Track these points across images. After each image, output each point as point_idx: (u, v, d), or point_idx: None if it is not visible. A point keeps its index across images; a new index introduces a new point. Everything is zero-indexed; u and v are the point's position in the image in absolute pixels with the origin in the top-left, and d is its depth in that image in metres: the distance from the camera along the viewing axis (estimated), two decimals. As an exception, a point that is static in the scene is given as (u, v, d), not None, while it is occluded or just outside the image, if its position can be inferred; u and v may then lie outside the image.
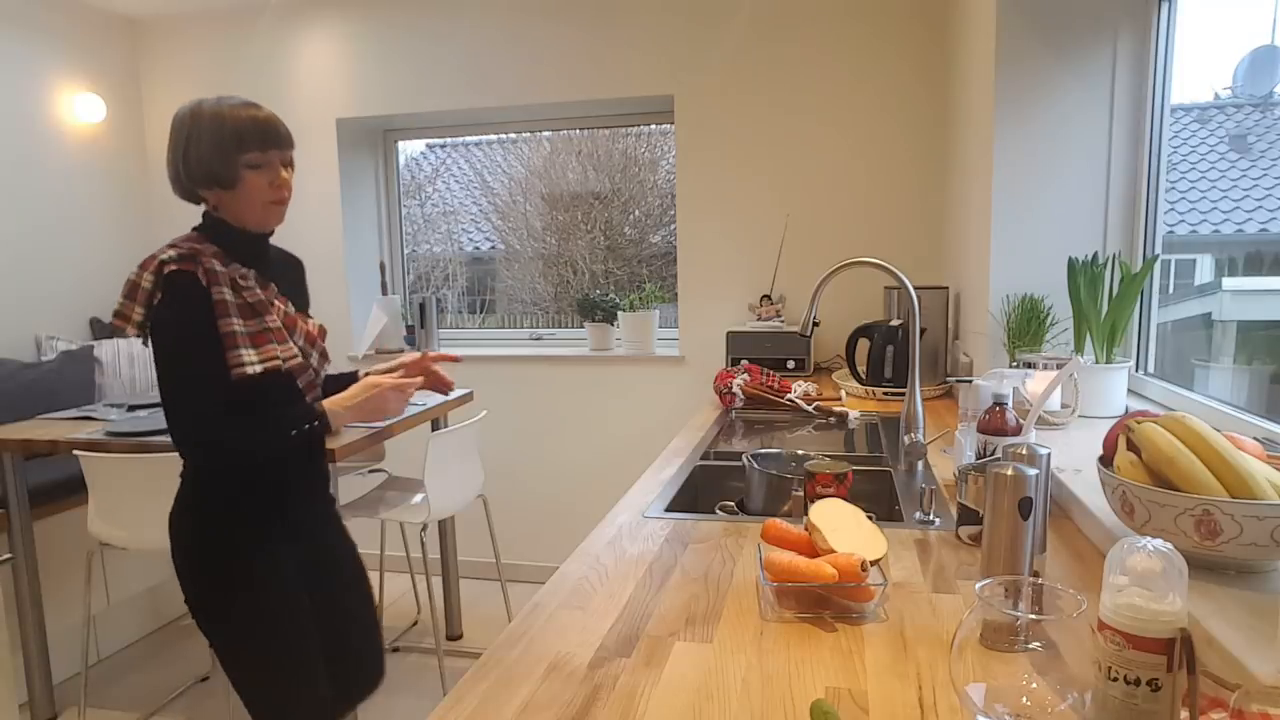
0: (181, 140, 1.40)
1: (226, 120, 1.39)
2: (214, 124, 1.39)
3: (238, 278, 1.43)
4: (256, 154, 1.41)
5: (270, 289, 1.50)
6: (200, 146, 1.38)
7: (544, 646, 0.95)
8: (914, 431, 1.66)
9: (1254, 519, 0.84)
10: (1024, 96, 1.99)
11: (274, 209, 1.47)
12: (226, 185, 1.40)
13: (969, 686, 0.69)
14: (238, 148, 1.39)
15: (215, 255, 1.41)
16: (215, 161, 1.38)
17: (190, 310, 1.37)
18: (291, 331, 1.50)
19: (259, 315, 1.44)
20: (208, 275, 1.38)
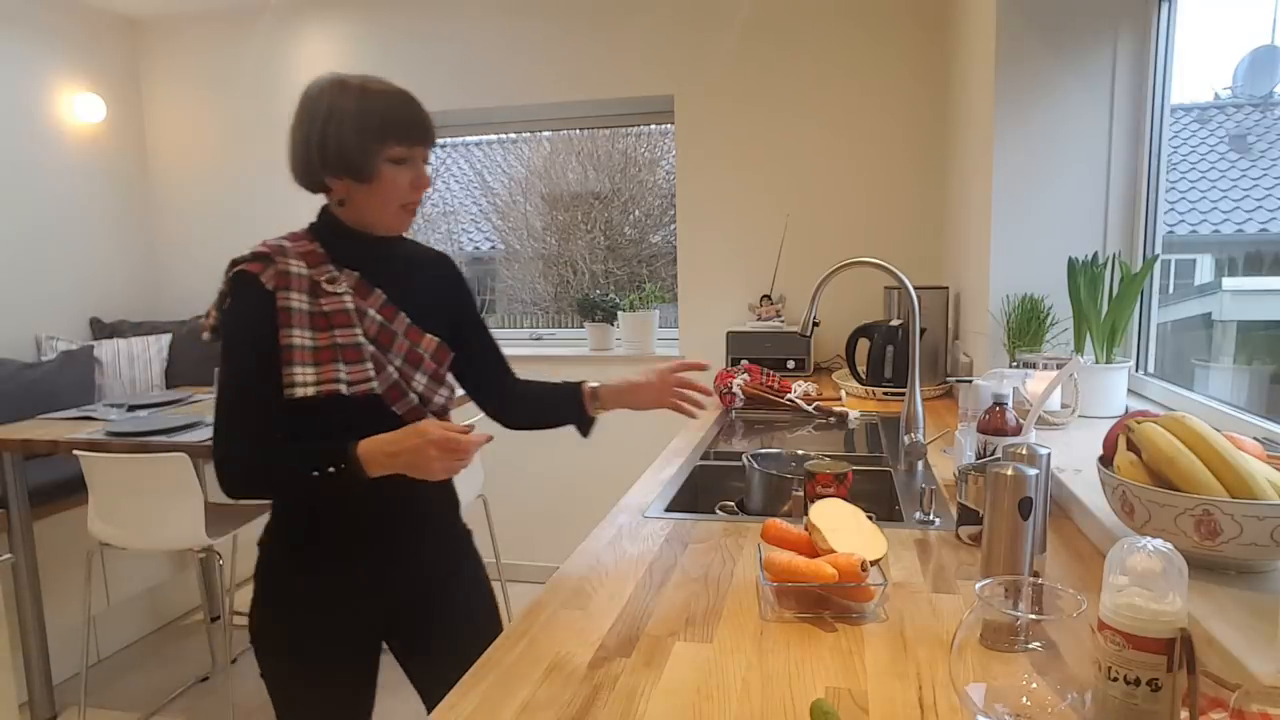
0: (318, 118, 1.20)
1: (374, 103, 1.21)
2: (360, 105, 1.20)
3: (323, 282, 1.24)
4: (402, 148, 1.22)
5: (375, 296, 1.28)
6: (342, 129, 1.19)
7: (544, 646, 0.95)
8: (914, 431, 1.66)
9: (1254, 519, 0.84)
10: (1024, 96, 1.99)
11: (407, 212, 1.28)
12: (362, 178, 1.22)
13: (969, 686, 0.69)
14: (381, 137, 1.20)
15: (306, 255, 1.24)
16: (355, 149, 1.20)
17: (244, 315, 1.20)
18: (387, 349, 1.27)
19: (333, 328, 1.23)
20: (277, 278, 1.21)
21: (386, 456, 1.18)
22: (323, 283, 1.24)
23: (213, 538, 2.25)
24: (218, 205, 3.81)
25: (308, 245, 1.26)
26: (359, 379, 1.24)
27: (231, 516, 2.44)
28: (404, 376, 1.28)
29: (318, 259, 1.25)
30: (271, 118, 3.69)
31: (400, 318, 1.30)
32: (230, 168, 3.78)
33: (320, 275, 1.24)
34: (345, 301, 1.25)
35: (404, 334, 1.30)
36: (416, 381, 1.30)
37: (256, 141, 3.73)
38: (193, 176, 3.83)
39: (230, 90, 3.73)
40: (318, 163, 1.22)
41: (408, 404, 1.29)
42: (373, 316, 1.27)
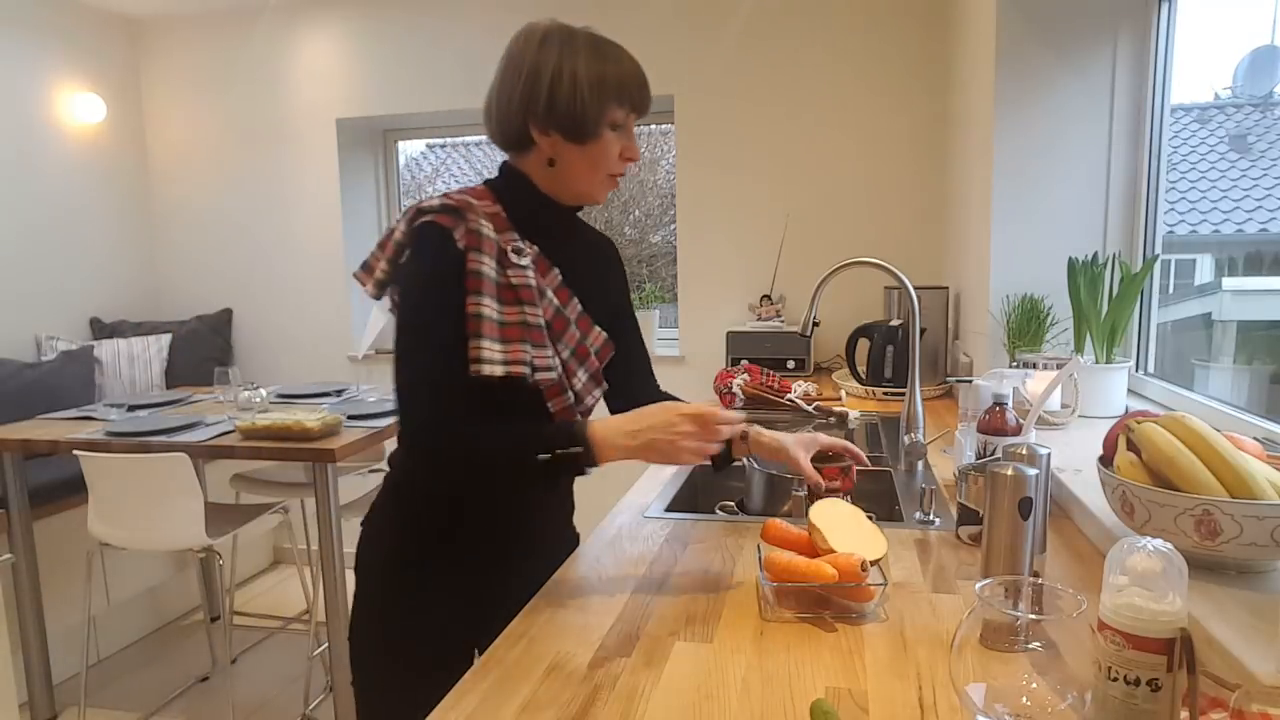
0: (545, 67, 1.09)
1: (609, 60, 1.11)
2: (594, 59, 1.10)
3: (510, 250, 1.12)
4: (624, 112, 1.12)
5: (553, 275, 1.17)
6: (576, 81, 1.08)
7: (544, 646, 0.95)
8: (914, 431, 1.66)
9: (1254, 519, 0.84)
10: (1024, 96, 1.99)
11: (612, 182, 1.18)
12: (581, 137, 1.11)
13: (969, 686, 0.69)
14: (616, 97, 1.10)
15: (493, 216, 1.13)
16: (585, 104, 1.09)
17: (438, 274, 1.08)
18: (558, 337, 1.15)
19: (521, 304, 1.11)
20: (468, 236, 1.08)
21: (626, 437, 1.04)
22: (509, 250, 1.12)
23: (213, 538, 2.25)
24: (217, 205, 3.81)
25: (492, 205, 1.14)
26: (543, 365, 1.11)
27: (232, 516, 2.44)
28: (568, 371, 1.16)
29: (502, 224, 1.13)
30: (271, 118, 3.69)
31: (574, 304, 1.18)
32: (230, 168, 3.78)
33: (508, 241, 1.12)
34: (529, 276, 1.12)
35: (575, 323, 1.17)
36: (577, 378, 1.18)
37: (256, 141, 3.73)
38: (193, 176, 3.84)
39: (230, 90, 3.73)
40: (533, 114, 1.10)
41: (564, 402, 1.16)
42: (550, 298, 1.15)
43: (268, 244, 3.77)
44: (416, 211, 1.10)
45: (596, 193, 1.17)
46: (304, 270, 3.73)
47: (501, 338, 1.08)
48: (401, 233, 1.10)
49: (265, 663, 2.98)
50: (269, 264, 3.77)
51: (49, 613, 2.61)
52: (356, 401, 2.70)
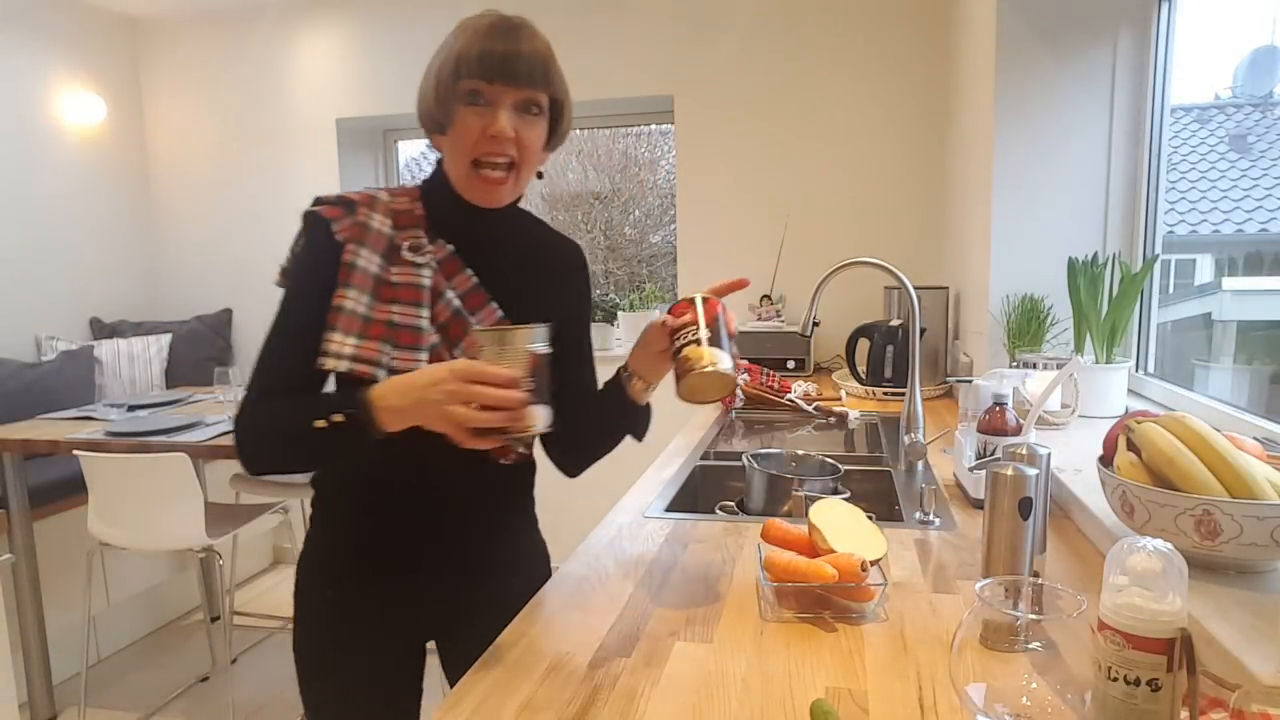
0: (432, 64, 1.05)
1: (461, 33, 1.01)
2: (452, 38, 1.02)
3: (405, 247, 1.06)
4: (473, 82, 0.99)
5: (463, 277, 1.08)
6: (433, 65, 1.03)
7: (544, 646, 0.95)
8: (914, 431, 1.66)
9: (1254, 519, 0.84)
10: (1024, 96, 1.99)
11: (479, 176, 1.03)
12: (441, 124, 1.04)
13: (969, 686, 0.69)
14: (458, 73, 0.99)
15: (399, 213, 1.08)
16: (438, 85, 1.02)
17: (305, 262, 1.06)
18: (454, 342, 1.07)
19: (396, 302, 1.04)
20: (351, 229, 1.04)
21: (397, 395, 0.93)
22: (404, 248, 1.06)
23: (213, 538, 2.25)
24: (217, 205, 3.81)
25: (407, 203, 1.09)
26: (405, 369, 1.01)
27: (232, 516, 2.44)
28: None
29: (410, 220, 1.08)
30: (272, 118, 3.69)
31: (489, 309, 1.09)
32: (230, 168, 3.78)
33: (405, 239, 1.06)
34: (420, 276, 1.05)
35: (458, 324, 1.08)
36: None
37: (256, 141, 3.73)
38: (193, 176, 3.83)
39: (230, 90, 3.73)
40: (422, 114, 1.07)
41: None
42: (449, 300, 1.07)
43: (268, 244, 3.76)
44: (315, 200, 1.08)
45: (467, 186, 1.05)
46: (304, 270, 3.73)
47: (361, 333, 1.02)
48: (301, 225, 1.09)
49: (265, 663, 2.98)
50: (269, 264, 3.75)
51: (49, 613, 2.61)
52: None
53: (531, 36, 1.05)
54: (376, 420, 0.94)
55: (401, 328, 1.04)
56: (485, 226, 1.10)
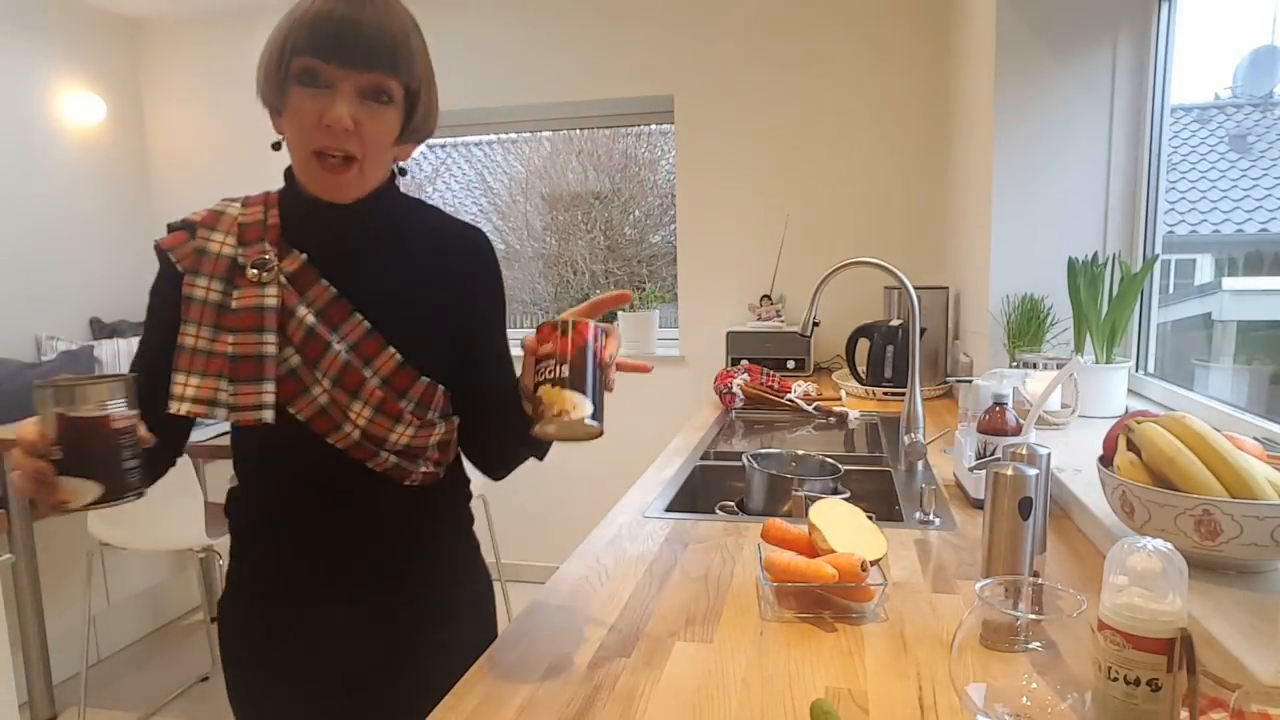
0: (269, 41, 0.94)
1: (297, 9, 0.90)
2: (286, 15, 0.91)
3: (250, 266, 0.95)
4: (307, 59, 0.88)
5: (319, 289, 0.96)
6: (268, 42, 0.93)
7: (544, 646, 0.95)
8: (914, 431, 1.66)
9: (1254, 519, 0.84)
10: (1024, 96, 1.99)
11: (320, 164, 0.92)
12: (275, 103, 0.94)
13: (969, 686, 0.69)
14: (292, 48, 0.88)
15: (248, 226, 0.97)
16: (270, 61, 0.91)
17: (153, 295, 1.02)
18: (313, 363, 0.94)
19: (235, 331, 0.94)
20: (189, 257, 0.96)
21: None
22: (248, 268, 0.95)
23: (213, 538, 2.25)
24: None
25: (259, 213, 0.98)
26: (248, 404, 0.92)
27: (231, 516, 2.44)
28: (336, 403, 0.95)
29: (259, 233, 0.97)
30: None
31: (352, 321, 0.96)
32: (230, 168, 3.78)
33: (250, 255, 0.95)
34: (264, 297, 0.94)
35: (349, 346, 0.95)
36: (355, 412, 0.95)
37: (256, 141, 3.71)
38: (193, 177, 3.83)
39: (230, 90, 3.73)
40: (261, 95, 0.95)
41: (347, 439, 0.96)
42: (302, 318, 0.94)
43: (268, 244, 3.76)
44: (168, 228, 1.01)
45: (314, 183, 0.94)
46: (304, 270, 3.73)
47: (203, 370, 0.93)
48: None
49: (265, 663, 2.98)
50: (269, 264, 3.77)
51: (49, 613, 2.61)
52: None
53: (384, 7, 0.90)
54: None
55: (240, 359, 0.93)
56: (345, 226, 0.98)
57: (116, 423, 0.80)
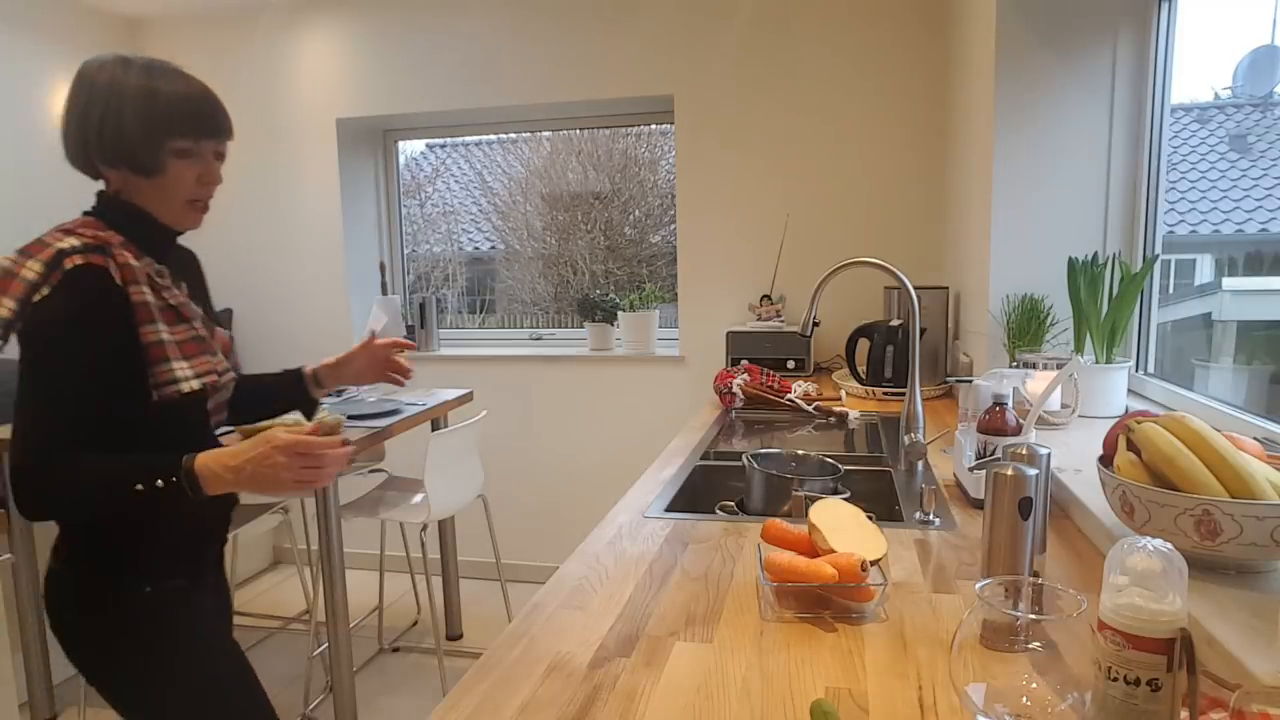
0: (97, 106, 1.12)
1: (159, 96, 1.13)
2: (143, 97, 1.11)
3: (154, 274, 1.17)
4: (188, 141, 1.15)
5: (183, 289, 1.25)
6: (122, 120, 1.11)
7: (544, 646, 0.95)
8: (914, 431, 1.66)
9: (1254, 519, 0.84)
10: (1024, 96, 1.99)
11: (194, 209, 1.22)
12: (145, 172, 1.14)
13: (969, 686, 0.69)
14: (166, 131, 1.13)
15: (125, 246, 1.15)
16: (138, 143, 1.12)
17: (92, 312, 1.08)
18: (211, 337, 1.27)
19: (186, 320, 1.19)
20: (123, 271, 1.11)
21: (230, 471, 1.07)
22: (153, 274, 1.17)
23: (213, 538, 2.25)
24: (217, 205, 3.79)
25: (114, 235, 1.15)
26: (223, 369, 1.23)
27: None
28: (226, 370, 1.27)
29: (136, 252, 1.16)
30: (271, 118, 3.69)
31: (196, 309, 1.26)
32: (230, 168, 3.76)
33: (149, 267, 1.17)
34: (181, 295, 1.21)
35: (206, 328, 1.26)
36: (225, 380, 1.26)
37: (256, 141, 3.72)
38: (193, 176, 3.83)
39: (230, 90, 3.71)
40: (97, 150, 1.13)
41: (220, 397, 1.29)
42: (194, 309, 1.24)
43: (268, 244, 3.76)
44: (56, 253, 1.07)
45: (181, 220, 1.21)
46: (304, 270, 3.73)
47: (184, 354, 1.15)
48: (37, 273, 1.06)
49: (265, 663, 2.98)
50: (269, 264, 3.77)
51: (49, 613, 2.61)
52: (356, 401, 2.70)
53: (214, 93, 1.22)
54: (201, 489, 1.08)
55: (204, 340, 1.21)
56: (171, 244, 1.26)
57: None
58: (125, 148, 1.12)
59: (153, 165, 1.14)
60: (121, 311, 1.10)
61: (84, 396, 1.08)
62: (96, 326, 1.09)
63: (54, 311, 1.06)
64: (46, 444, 1.06)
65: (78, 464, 1.07)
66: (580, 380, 3.48)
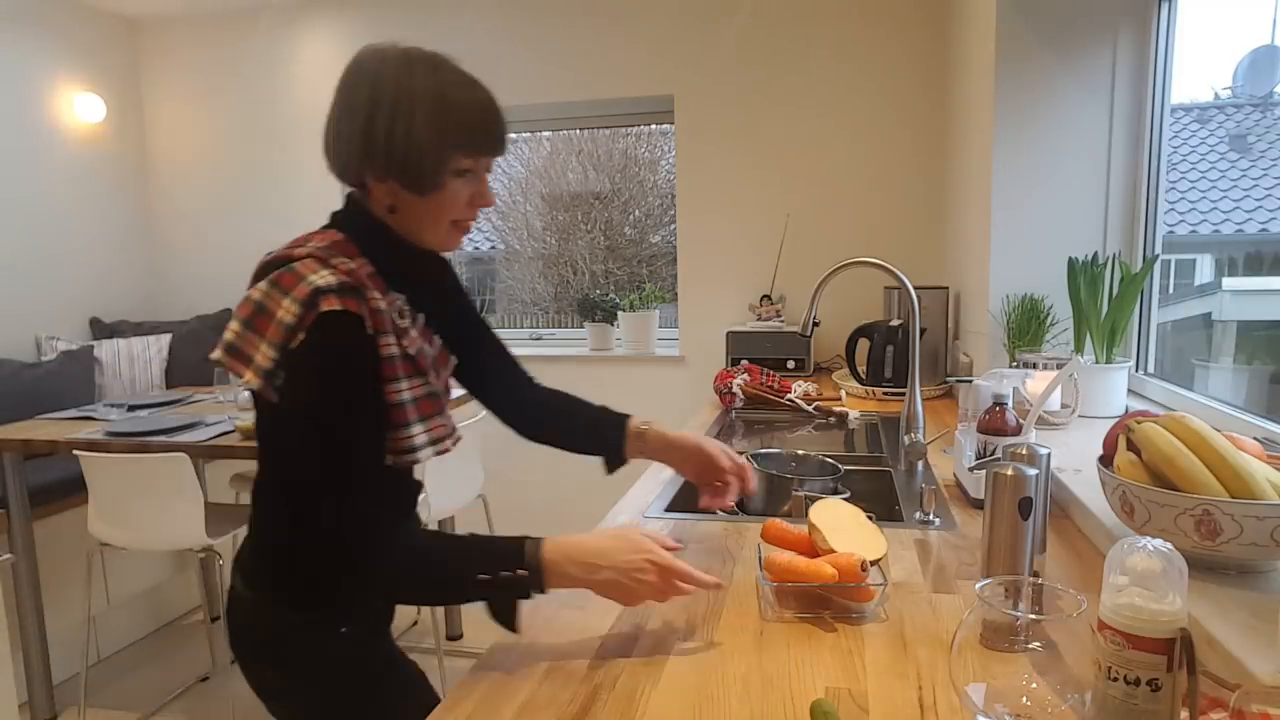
0: (384, 109, 0.95)
1: (451, 105, 0.96)
2: (434, 104, 0.95)
3: (396, 317, 1.01)
4: (472, 159, 1.00)
5: (419, 320, 1.08)
6: (413, 128, 0.95)
7: (544, 646, 0.95)
8: (914, 431, 1.66)
9: (1254, 519, 0.84)
10: (1024, 96, 1.99)
11: (457, 231, 1.05)
12: (421, 189, 0.99)
13: (969, 686, 0.69)
14: (454, 145, 0.97)
15: (373, 279, 0.99)
16: (426, 156, 0.96)
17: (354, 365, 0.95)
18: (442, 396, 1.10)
19: (422, 373, 1.03)
20: (374, 318, 0.96)
21: (584, 570, 0.94)
22: (395, 316, 1.01)
23: (213, 538, 2.25)
24: (217, 205, 3.81)
25: (365, 265, 1.00)
26: (452, 430, 1.07)
27: (232, 516, 2.44)
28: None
29: (380, 284, 1.00)
30: (271, 118, 3.69)
31: (436, 341, 1.10)
32: (230, 168, 3.78)
33: (392, 306, 1.01)
34: (416, 336, 1.04)
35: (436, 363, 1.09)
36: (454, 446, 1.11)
37: (256, 142, 3.73)
38: (193, 176, 3.83)
39: (230, 90, 3.73)
40: (369, 158, 0.97)
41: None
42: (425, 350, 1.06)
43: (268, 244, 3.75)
44: (313, 292, 0.92)
45: (443, 242, 1.06)
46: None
47: (421, 417, 1.01)
48: (293, 315, 0.92)
49: (265, 663, 2.97)
50: (269, 264, 3.77)
51: (49, 613, 2.61)
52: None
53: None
54: (546, 584, 0.94)
55: (438, 395, 1.05)
56: (431, 268, 1.11)
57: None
58: (412, 161, 0.96)
59: (433, 183, 0.98)
60: (372, 365, 0.97)
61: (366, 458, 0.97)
62: (356, 377, 0.96)
63: (320, 362, 0.94)
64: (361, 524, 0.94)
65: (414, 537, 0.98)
66: (580, 380, 3.48)
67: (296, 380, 0.94)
